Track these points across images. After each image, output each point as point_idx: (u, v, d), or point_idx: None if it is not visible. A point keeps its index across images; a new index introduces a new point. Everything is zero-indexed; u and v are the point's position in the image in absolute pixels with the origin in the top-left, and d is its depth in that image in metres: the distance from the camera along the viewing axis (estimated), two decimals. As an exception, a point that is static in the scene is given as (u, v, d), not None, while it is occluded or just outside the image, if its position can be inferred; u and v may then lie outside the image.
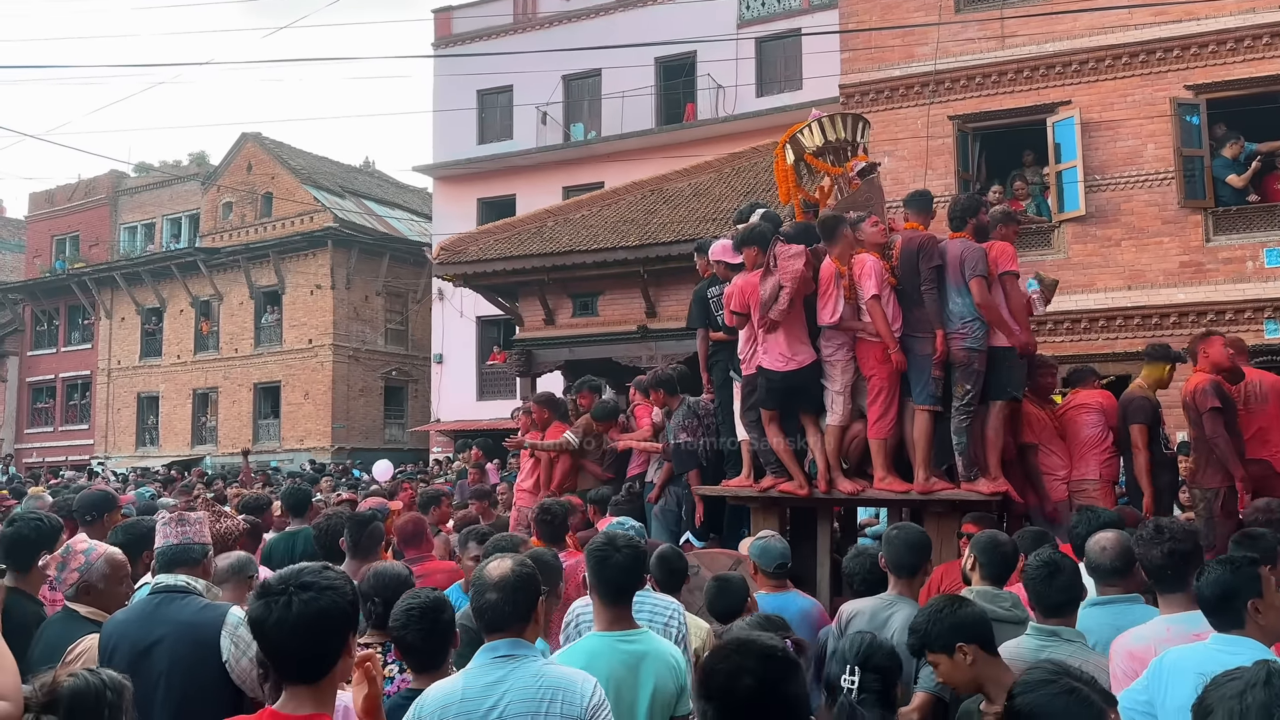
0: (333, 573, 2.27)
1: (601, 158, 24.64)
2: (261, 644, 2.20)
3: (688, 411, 7.37)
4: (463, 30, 26.93)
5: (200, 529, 3.61)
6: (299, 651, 2.15)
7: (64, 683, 1.98)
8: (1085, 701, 2.12)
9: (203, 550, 3.58)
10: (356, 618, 2.30)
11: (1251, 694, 1.89)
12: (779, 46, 23.62)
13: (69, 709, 1.94)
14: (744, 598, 4.37)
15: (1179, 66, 12.79)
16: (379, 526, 5.14)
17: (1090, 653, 3.36)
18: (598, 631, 3.29)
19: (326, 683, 2.20)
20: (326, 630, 2.16)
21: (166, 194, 35.56)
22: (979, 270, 6.14)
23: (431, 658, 3.06)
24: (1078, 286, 12.73)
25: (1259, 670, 1.96)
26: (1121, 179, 12.98)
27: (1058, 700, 2.13)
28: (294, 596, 2.15)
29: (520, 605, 2.75)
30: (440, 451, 25.34)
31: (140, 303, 33.85)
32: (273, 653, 2.18)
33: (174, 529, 3.55)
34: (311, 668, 2.17)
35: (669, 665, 3.24)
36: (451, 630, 3.10)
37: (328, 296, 30.14)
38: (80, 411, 35.54)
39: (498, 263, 13.56)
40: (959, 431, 6.24)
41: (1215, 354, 6.45)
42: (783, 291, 6.26)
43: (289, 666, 2.18)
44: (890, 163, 13.55)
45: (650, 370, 8.29)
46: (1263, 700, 1.87)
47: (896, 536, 4.32)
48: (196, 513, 3.81)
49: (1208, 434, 6.19)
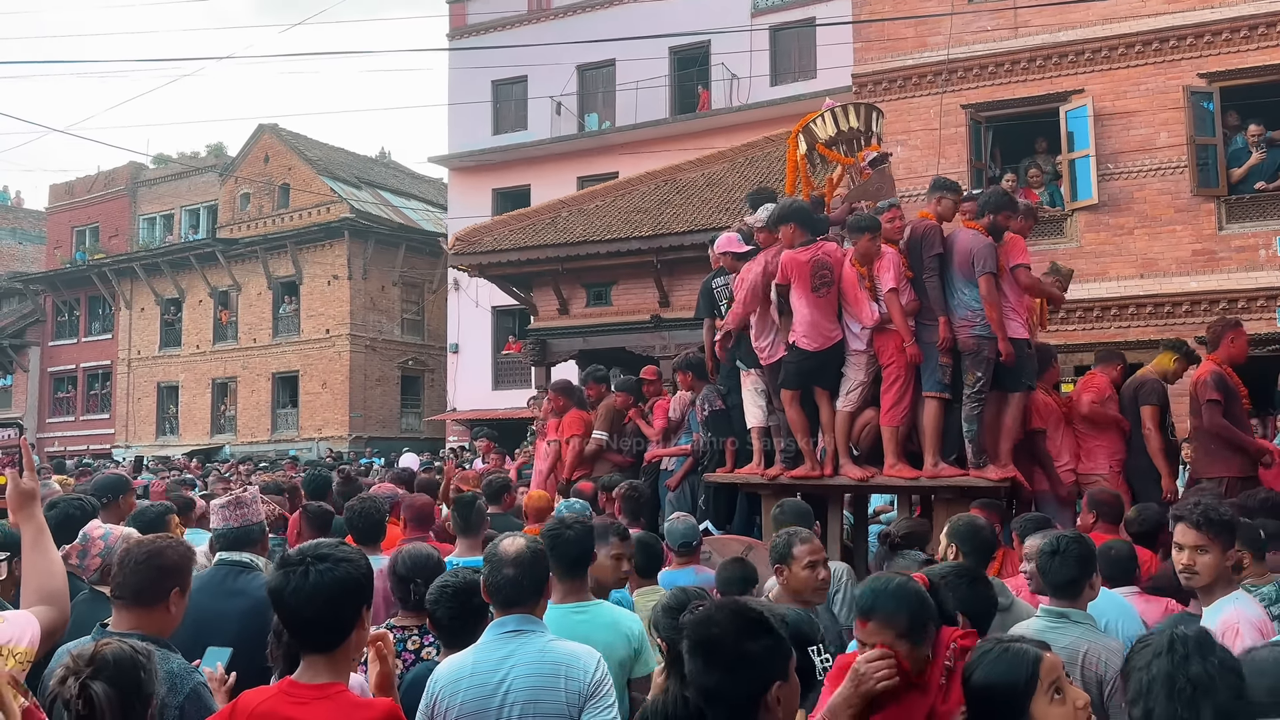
0: (348, 548, 2.41)
1: (616, 148, 24.69)
2: (280, 612, 2.33)
3: (712, 390, 7.51)
4: (477, 21, 27.00)
5: (255, 509, 3.82)
6: (315, 619, 2.28)
7: (105, 650, 2.11)
8: (1020, 653, 2.26)
9: (260, 530, 3.80)
10: (370, 591, 2.41)
11: (1156, 663, 2.02)
12: (793, 36, 23.60)
13: (114, 672, 2.07)
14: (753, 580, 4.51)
15: (1193, 54, 12.77)
16: (482, 505, 5.45)
17: (1100, 635, 3.40)
18: (553, 603, 3.38)
19: (341, 653, 2.32)
20: (341, 600, 2.29)
21: (185, 185, 35.83)
22: (988, 267, 6.21)
23: (460, 636, 3.16)
24: (1090, 275, 12.74)
25: (1163, 638, 2.08)
26: (1134, 167, 12.97)
27: (999, 663, 2.26)
28: (310, 567, 2.28)
29: (535, 581, 2.87)
30: (456, 441, 25.51)
31: (159, 293, 34.15)
32: (290, 620, 2.31)
33: (232, 512, 3.74)
34: (327, 636, 2.30)
35: (621, 631, 3.39)
36: (483, 612, 3.18)
37: (344, 287, 30.35)
38: (101, 401, 35.93)
39: (512, 253, 13.69)
40: (970, 419, 6.31)
41: (1238, 348, 6.50)
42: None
43: (306, 634, 2.31)
44: (903, 152, 13.58)
45: (681, 355, 8.43)
46: (1165, 670, 2.00)
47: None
48: (250, 493, 3.95)
49: (1205, 424, 6.27)
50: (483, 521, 5.36)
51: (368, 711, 2.26)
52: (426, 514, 5.97)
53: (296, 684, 2.28)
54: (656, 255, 12.91)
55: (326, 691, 2.24)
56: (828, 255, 6.57)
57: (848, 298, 6.56)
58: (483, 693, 2.72)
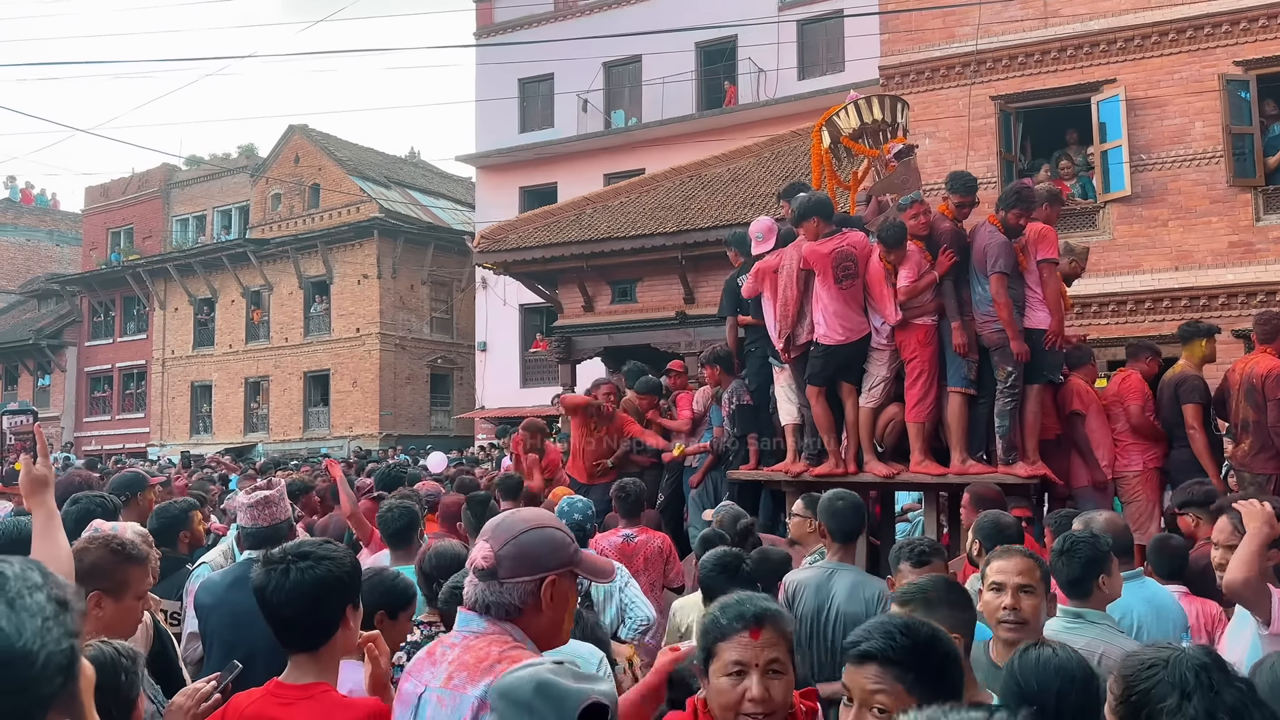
0: (333, 546, 2.39)
1: (642, 144, 24.65)
2: (263, 611, 2.31)
3: (740, 384, 7.45)
4: (504, 19, 27.05)
5: (283, 506, 3.83)
6: (296, 618, 2.27)
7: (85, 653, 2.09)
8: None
9: (288, 526, 3.82)
10: (355, 590, 2.39)
11: (1192, 705, 1.83)
12: (821, 28, 23.43)
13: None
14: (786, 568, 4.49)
15: (1228, 42, 12.50)
16: (495, 506, 5.49)
17: (1118, 636, 3.33)
18: None
19: (326, 652, 2.31)
20: (322, 598, 2.27)
21: (217, 186, 36.19)
22: (999, 266, 6.12)
23: None
24: (1123, 268, 12.53)
25: (1177, 670, 1.90)
26: (1168, 158, 12.73)
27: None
28: (292, 565, 2.28)
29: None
30: (485, 439, 25.58)
31: (193, 293, 34.54)
32: (272, 619, 2.30)
33: (260, 511, 3.76)
34: (310, 635, 2.29)
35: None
36: None
37: (374, 286, 30.54)
38: (136, 400, 36.40)
39: (536, 250, 13.68)
40: (1003, 414, 6.23)
41: None
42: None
43: (289, 633, 2.30)
44: (931, 144, 13.42)
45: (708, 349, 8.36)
46: (1205, 708, 1.82)
47: (837, 503, 4.27)
48: (276, 489, 3.95)
49: (1271, 422, 6.12)
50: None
51: (352, 711, 2.25)
52: (455, 513, 5.97)
53: (283, 685, 2.28)
54: (681, 251, 12.85)
55: (311, 691, 2.23)
56: (852, 246, 6.50)
57: (873, 293, 6.48)
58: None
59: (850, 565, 4.18)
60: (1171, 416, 6.61)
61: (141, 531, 3.54)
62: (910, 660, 1.93)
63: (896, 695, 1.90)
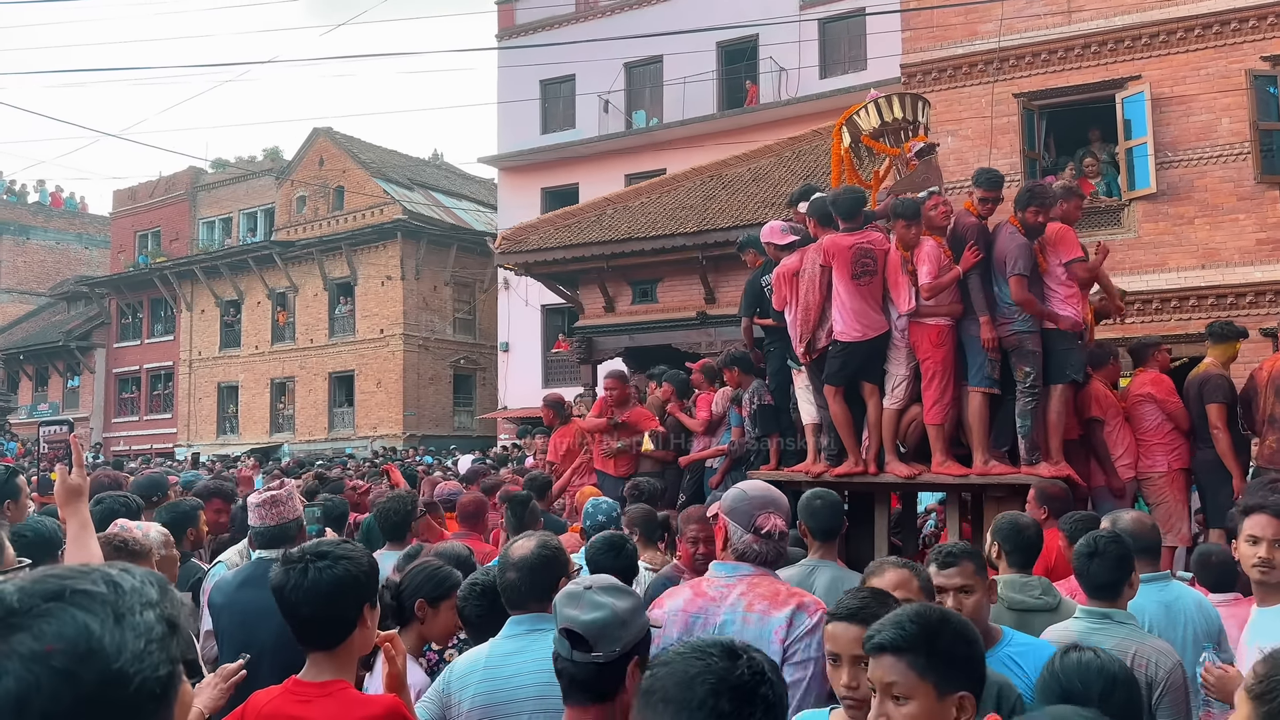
0: (351, 546, 2.42)
1: (664, 144, 24.65)
2: (282, 608, 2.35)
3: (761, 385, 7.44)
4: (525, 21, 27.13)
5: (293, 504, 3.86)
6: (314, 616, 2.30)
7: None
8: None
9: (297, 525, 3.85)
10: (372, 589, 2.42)
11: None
12: (843, 27, 23.34)
13: None
14: None
15: (1255, 37, 12.35)
16: (535, 505, 5.57)
17: (1145, 635, 3.30)
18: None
19: (344, 650, 2.33)
20: (340, 597, 2.30)
21: (243, 189, 36.51)
22: (1018, 268, 6.07)
23: (487, 634, 3.16)
24: (1149, 266, 12.41)
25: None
26: (1194, 155, 12.59)
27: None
28: (310, 564, 2.31)
29: (538, 585, 2.85)
30: (507, 439, 25.67)
31: (219, 295, 34.85)
32: (291, 617, 2.33)
33: (269, 510, 3.79)
34: (328, 633, 2.31)
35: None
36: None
37: (398, 287, 30.72)
38: (164, 401, 36.78)
39: (557, 251, 13.72)
40: (1024, 414, 6.19)
41: None
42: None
43: (307, 632, 2.33)
44: (954, 142, 13.35)
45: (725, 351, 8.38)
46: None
47: (815, 502, 4.26)
48: (286, 489, 3.99)
49: None
50: (536, 521, 5.37)
51: (370, 708, 2.27)
52: (473, 512, 6.00)
53: (301, 682, 2.31)
54: (702, 251, 12.85)
55: (329, 689, 2.26)
56: (871, 243, 6.47)
57: (889, 282, 6.43)
58: (493, 687, 2.73)
59: (831, 561, 4.21)
60: (1196, 416, 6.55)
61: (164, 532, 3.58)
62: (920, 646, 2.04)
63: (909, 680, 2.03)
